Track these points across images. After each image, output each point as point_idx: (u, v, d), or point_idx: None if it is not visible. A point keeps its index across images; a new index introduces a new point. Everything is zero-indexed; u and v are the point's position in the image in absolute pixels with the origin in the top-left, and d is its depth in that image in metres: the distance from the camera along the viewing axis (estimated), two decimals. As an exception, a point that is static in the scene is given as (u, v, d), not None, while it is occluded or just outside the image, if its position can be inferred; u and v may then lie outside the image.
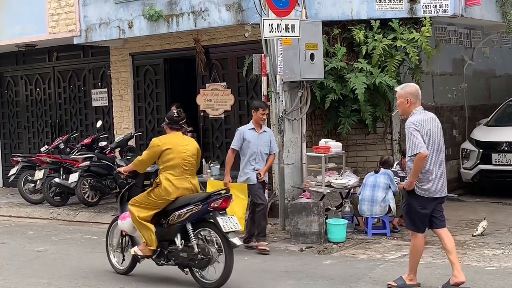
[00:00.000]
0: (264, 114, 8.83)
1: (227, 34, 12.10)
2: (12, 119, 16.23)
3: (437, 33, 11.74)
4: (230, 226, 6.73)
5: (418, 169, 6.34)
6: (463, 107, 12.83)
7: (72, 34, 13.00)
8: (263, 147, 8.85)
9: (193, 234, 6.88)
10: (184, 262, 6.95)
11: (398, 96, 6.65)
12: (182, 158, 7.08)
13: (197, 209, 6.84)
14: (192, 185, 7.15)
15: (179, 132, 7.29)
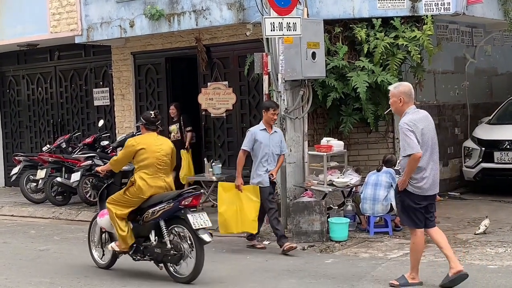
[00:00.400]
0: (275, 114, 8.71)
1: (229, 33, 12.10)
2: (14, 118, 16.24)
3: (439, 31, 11.72)
4: (200, 223, 6.97)
5: (412, 169, 6.42)
6: (465, 106, 12.81)
7: (73, 33, 13.01)
8: (275, 148, 8.75)
9: (166, 231, 7.16)
10: (159, 257, 7.22)
11: (391, 95, 6.71)
12: (156, 158, 7.32)
13: (168, 207, 7.09)
14: (166, 183, 7.40)
15: (154, 133, 7.54)
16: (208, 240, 6.98)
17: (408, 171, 6.43)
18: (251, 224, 8.68)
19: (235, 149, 12.48)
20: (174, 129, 12.64)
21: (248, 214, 8.64)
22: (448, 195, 11.88)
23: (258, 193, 8.67)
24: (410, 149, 6.37)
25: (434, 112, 12.02)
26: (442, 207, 10.64)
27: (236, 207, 8.68)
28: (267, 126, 8.73)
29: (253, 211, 8.65)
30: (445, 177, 12.27)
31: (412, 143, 6.38)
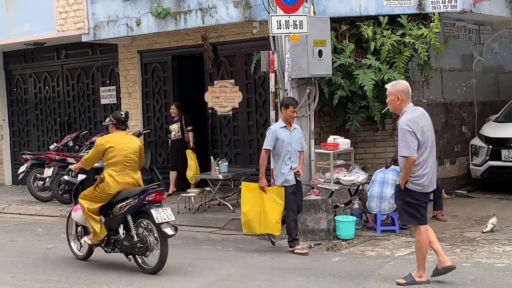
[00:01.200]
0: (294, 111, 8.53)
1: (235, 31, 12.10)
2: (21, 117, 16.29)
3: (446, 29, 11.68)
4: (164, 217, 7.42)
5: (408, 172, 6.52)
6: (472, 103, 12.77)
7: (80, 32, 13.02)
8: (296, 145, 8.58)
9: (133, 225, 7.61)
10: (127, 249, 7.68)
11: (389, 93, 6.75)
12: (124, 155, 7.73)
13: (134, 202, 7.54)
14: (134, 179, 7.82)
15: (123, 131, 7.97)
16: (170, 233, 7.38)
17: (406, 173, 6.52)
18: (274, 226, 8.49)
19: (241, 148, 12.50)
20: (175, 128, 12.66)
21: (271, 216, 8.44)
22: (455, 193, 11.85)
23: (283, 194, 8.45)
24: (407, 151, 6.46)
25: (441, 110, 12.02)
26: (449, 205, 10.62)
27: (259, 208, 8.50)
28: (287, 123, 8.55)
29: (276, 213, 8.46)
30: (452, 175, 12.24)
31: (410, 146, 6.45)
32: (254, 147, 12.38)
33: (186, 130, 12.62)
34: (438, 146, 11.82)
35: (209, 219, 10.52)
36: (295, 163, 8.55)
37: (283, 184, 8.46)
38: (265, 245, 8.95)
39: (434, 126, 11.76)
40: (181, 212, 11.01)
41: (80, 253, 8.43)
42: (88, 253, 8.31)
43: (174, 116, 12.74)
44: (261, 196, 8.53)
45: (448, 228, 9.26)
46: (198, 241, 9.45)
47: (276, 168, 8.60)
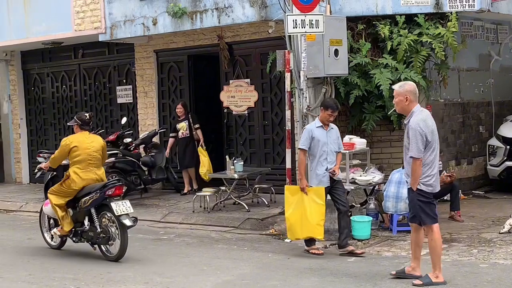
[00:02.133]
0: (331, 116, 8.26)
1: (251, 30, 12.10)
2: (39, 116, 16.40)
3: (463, 28, 11.60)
4: (123, 210, 8.12)
5: (419, 173, 6.60)
6: (490, 103, 12.67)
7: (97, 31, 13.09)
8: (333, 145, 8.32)
9: (96, 217, 8.32)
10: (92, 239, 8.41)
11: (397, 94, 6.79)
12: (88, 154, 8.42)
13: (96, 196, 8.24)
14: (97, 175, 8.51)
15: (86, 132, 8.61)
16: (129, 224, 8.07)
17: (417, 175, 6.60)
18: (315, 228, 8.17)
19: (256, 147, 12.50)
20: (183, 126, 12.62)
21: (311, 218, 8.15)
22: (472, 194, 11.77)
23: (323, 195, 8.23)
24: (417, 152, 6.55)
25: (458, 110, 11.95)
26: (466, 205, 10.55)
27: (301, 211, 8.22)
28: (323, 123, 8.30)
29: (317, 215, 8.16)
30: (470, 176, 12.16)
31: (419, 147, 6.57)
32: (269, 146, 12.37)
33: (194, 128, 12.61)
34: (455, 146, 11.83)
35: (224, 219, 10.53)
36: (331, 164, 8.27)
37: (317, 186, 8.26)
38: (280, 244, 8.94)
39: (451, 126, 11.86)
40: (196, 211, 11.03)
41: (53, 243, 9.09)
42: (61, 243, 8.98)
43: (180, 115, 12.70)
44: (302, 198, 8.25)
45: (465, 229, 9.20)
46: (213, 240, 9.46)
47: (311, 169, 8.38)
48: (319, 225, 8.18)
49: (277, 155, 12.26)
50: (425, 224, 6.71)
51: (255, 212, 10.64)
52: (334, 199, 8.37)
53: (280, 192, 11.03)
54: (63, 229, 8.60)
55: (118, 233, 8.12)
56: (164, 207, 11.76)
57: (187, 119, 12.65)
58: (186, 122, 12.63)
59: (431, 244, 6.69)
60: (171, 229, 10.35)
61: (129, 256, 8.45)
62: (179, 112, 12.71)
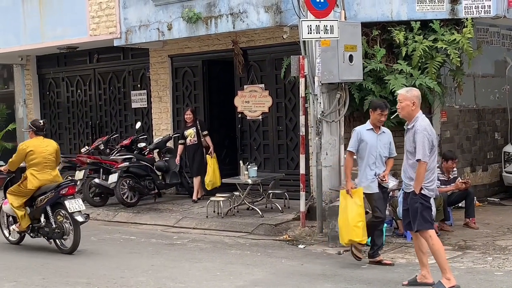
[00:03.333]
0: (382, 115, 7.94)
1: (266, 35, 12.10)
2: (54, 120, 16.48)
3: (479, 34, 11.54)
4: (75, 207, 8.94)
5: (423, 176, 6.65)
6: (506, 110, 12.60)
7: (112, 36, 13.14)
8: (383, 150, 7.97)
9: (51, 214, 9.11)
10: (48, 235, 9.20)
11: (404, 99, 6.85)
12: (43, 157, 9.20)
13: (51, 195, 9.04)
14: (52, 176, 9.26)
15: (41, 137, 9.41)
16: (81, 220, 8.91)
17: (422, 179, 6.64)
18: (353, 230, 7.83)
19: (270, 152, 12.49)
20: (191, 133, 12.46)
21: (351, 220, 7.85)
22: (487, 201, 11.69)
23: (361, 196, 7.91)
24: (424, 156, 6.61)
25: (473, 116, 11.88)
26: (481, 212, 10.48)
27: (345, 214, 7.95)
28: (374, 126, 7.97)
29: (356, 217, 7.83)
30: (485, 182, 12.08)
31: (425, 151, 6.64)
32: (283, 152, 12.35)
33: (203, 135, 12.53)
34: (471, 152, 11.76)
35: (238, 224, 10.52)
36: (380, 169, 7.92)
37: (365, 191, 7.94)
38: (294, 250, 8.91)
39: (466, 133, 11.79)
40: (210, 216, 11.03)
41: (12, 239, 9.82)
42: (19, 238, 9.75)
43: (189, 121, 12.53)
44: (347, 201, 7.98)
45: (480, 236, 9.13)
46: (227, 245, 9.45)
47: (360, 172, 8.04)
48: (356, 227, 7.83)
49: (291, 160, 12.24)
50: (422, 229, 6.73)
51: (269, 218, 10.62)
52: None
53: (293, 197, 11.05)
54: (21, 226, 9.35)
55: (72, 228, 8.94)
56: (178, 212, 11.77)
57: (195, 125, 12.52)
58: (194, 129, 12.47)
59: (433, 249, 6.71)
60: (184, 234, 10.36)
61: (142, 261, 8.47)
62: (188, 118, 12.55)
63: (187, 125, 12.60)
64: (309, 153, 10.84)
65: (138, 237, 10.24)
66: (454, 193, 9.80)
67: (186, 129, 12.58)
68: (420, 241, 6.90)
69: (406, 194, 6.87)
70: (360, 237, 7.87)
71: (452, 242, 8.88)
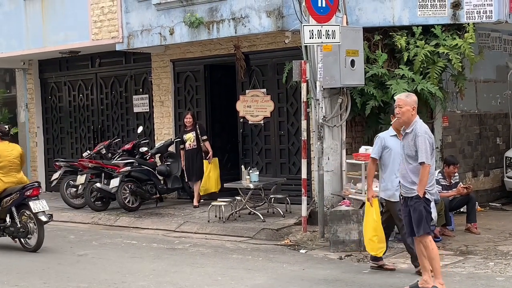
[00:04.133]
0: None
1: (267, 40, 12.11)
2: (56, 124, 16.50)
3: (481, 39, 11.54)
4: (39, 208, 9.42)
5: (427, 179, 6.67)
6: (507, 115, 12.59)
7: (114, 41, 13.16)
8: None
9: (16, 214, 9.60)
10: (13, 234, 9.70)
11: (405, 103, 6.82)
12: (8, 161, 9.68)
13: (16, 197, 9.55)
14: (18, 179, 9.76)
15: (6, 141, 9.82)
16: (44, 220, 9.42)
17: (426, 181, 6.66)
18: (368, 244, 7.76)
19: (272, 157, 12.49)
20: (191, 138, 12.36)
21: (367, 233, 7.74)
22: (489, 206, 11.68)
23: (378, 208, 7.65)
24: (427, 158, 6.63)
25: (475, 122, 11.87)
26: (483, 218, 10.46)
27: (364, 225, 7.88)
28: (397, 132, 7.52)
29: (371, 231, 7.67)
30: (486, 188, 12.07)
31: (428, 154, 6.66)
32: (285, 156, 12.35)
33: (202, 140, 12.48)
34: (472, 157, 11.75)
35: (239, 228, 10.51)
36: None
37: (389, 199, 7.66)
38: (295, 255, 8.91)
39: (468, 138, 11.78)
40: (211, 221, 11.02)
41: None
42: None
43: (188, 125, 12.44)
44: (368, 210, 7.74)
45: (482, 241, 9.12)
46: (228, 250, 9.45)
47: (383, 180, 7.72)
48: (371, 241, 7.71)
49: (292, 165, 12.24)
50: (423, 233, 6.72)
51: (270, 222, 10.62)
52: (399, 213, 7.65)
53: (295, 202, 11.05)
54: None
55: (36, 228, 9.46)
56: (179, 217, 11.77)
57: (194, 130, 12.43)
58: (193, 133, 12.39)
59: (433, 254, 6.72)
60: (186, 239, 10.36)
61: (144, 265, 8.47)
62: (187, 122, 12.45)
63: (186, 129, 12.52)
64: (311, 158, 10.84)
65: (139, 242, 10.24)
66: (456, 198, 9.79)
67: (185, 133, 12.50)
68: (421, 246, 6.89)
69: (406, 199, 6.83)
70: (375, 250, 7.77)
71: (454, 247, 8.87)
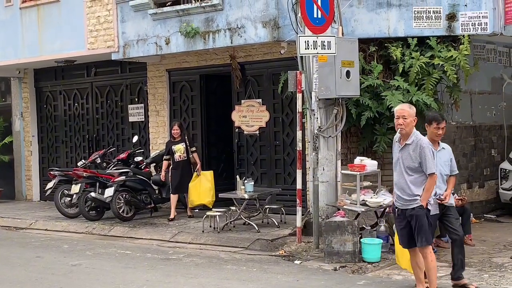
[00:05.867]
0: (439, 128, 7.37)
1: (263, 50, 12.13)
2: (51, 133, 16.47)
3: (476, 51, 11.58)
4: None
5: (433, 189, 6.76)
6: (502, 127, 12.62)
7: (110, 50, 13.17)
8: (443, 167, 7.40)
9: None
10: None
11: (409, 115, 6.78)
12: None
13: None
14: None
15: None
16: None
17: (432, 191, 6.73)
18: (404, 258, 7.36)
19: (267, 167, 12.48)
20: (180, 149, 12.27)
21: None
22: (484, 218, 11.67)
23: None
24: (434, 168, 6.68)
25: (470, 133, 11.89)
26: (477, 229, 10.45)
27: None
28: (433, 142, 7.28)
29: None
30: (481, 199, 12.07)
31: (434, 163, 6.70)
32: (280, 167, 12.35)
33: (191, 151, 12.41)
34: (467, 169, 11.76)
35: (234, 239, 10.49)
36: (440, 189, 7.27)
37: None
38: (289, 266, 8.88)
39: (463, 149, 11.79)
40: (206, 231, 10.99)
41: None
42: None
43: (176, 136, 12.35)
44: None
45: (476, 253, 9.11)
46: (222, 261, 9.41)
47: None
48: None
49: (288, 175, 12.23)
50: (426, 244, 6.70)
51: (265, 233, 10.59)
52: (445, 226, 7.60)
53: (290, 213, 11.04)
54: None
55: None
56: (174, 227, 11.73)
57: (183, 141, 12.35)
58: (183, 144, 12.32)
59: (431, 265, 6.73)
60: (180, 249, 10.32)
61: (137, 276, 8.42)
62: (175, 133, 12.35)
63: (175, 140, 12.41)
64: (306, 168, 10.83)
65: (133, 252, 10.19)
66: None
67: (174, 144, 12.37)
68: (418, 258, 6.87)
69: (403, 211, 6.79)
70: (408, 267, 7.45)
71: (449, 259, 8.81)
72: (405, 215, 6.78)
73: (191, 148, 12.37)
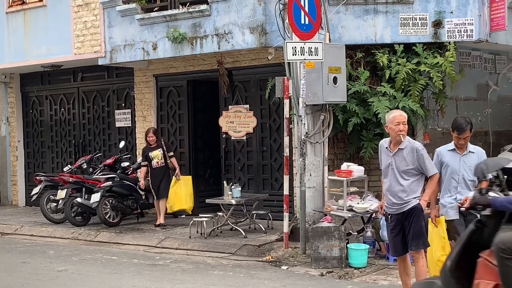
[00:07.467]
0: (459, 138, 6.98)
1: (251, 56, 12.15)
2: (36, 138, 16.39)
3: (462, 58, 11.67)
4: None
5: (434, 188, 6.81)
6: (488, 133, 12.70)
7: (97, 55, 13.13)
8: (467, 173, 6.95)
9: None
10: None
11: (404, 121, 6.79)
12: None
13: None
14: None
15: None
16: None
17: (433, 190, 6.77)
18: (437, 265, 6.73)
19: (254, 173, 12.48)
20: (158, 155, 12.21)
21: (434, 253, 6.99)
22: (469, 223, 11.71)
23: (444, 225, 7.02)
24: (435, 169, 6.76)
25: (456, 139, 11.92)
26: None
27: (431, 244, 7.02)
28: (457, 146, 7.09)
29: (439, 249, 6.92)
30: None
31: (433, 164, 6.77)
32: (267, 172, 12.35)
33: (168, 157, 12.34)
34: (453, 175, 11.79)
35: (221, 244, 10.47)
36: (462, 194, 6.72)
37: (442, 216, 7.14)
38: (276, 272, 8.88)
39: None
40: (193, 237, 10.97)
41: None
42: None
43: (152, 143, 12.27)
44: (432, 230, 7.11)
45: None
46: (209, 266, 9.40)
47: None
48: (439, 261, 6.61)
49: (275, 181, 12.24)
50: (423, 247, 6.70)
51: (252, 239, 10.59)
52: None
53: (277, 218, 11.04)
54: None
55: None
56: (161, 232, 11.70)
57: (160, 147, 12.29)
58: (160, 150, 12.25)
59: (421, 270, 6.72)
60: (167, 255, 10.29)
61: (124, 281, 8.39)
62: (151, 140, 12.25)
63: (151, 147, 12.33)
64: (293, 174, 10.85)
65: (120, 257, 10.16)
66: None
67: (150, 150, 12.30)
68: (407, 264, 6.86)
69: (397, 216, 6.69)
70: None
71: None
72: (400, 219, 6.65)
73: (168, 153, 12.34)
